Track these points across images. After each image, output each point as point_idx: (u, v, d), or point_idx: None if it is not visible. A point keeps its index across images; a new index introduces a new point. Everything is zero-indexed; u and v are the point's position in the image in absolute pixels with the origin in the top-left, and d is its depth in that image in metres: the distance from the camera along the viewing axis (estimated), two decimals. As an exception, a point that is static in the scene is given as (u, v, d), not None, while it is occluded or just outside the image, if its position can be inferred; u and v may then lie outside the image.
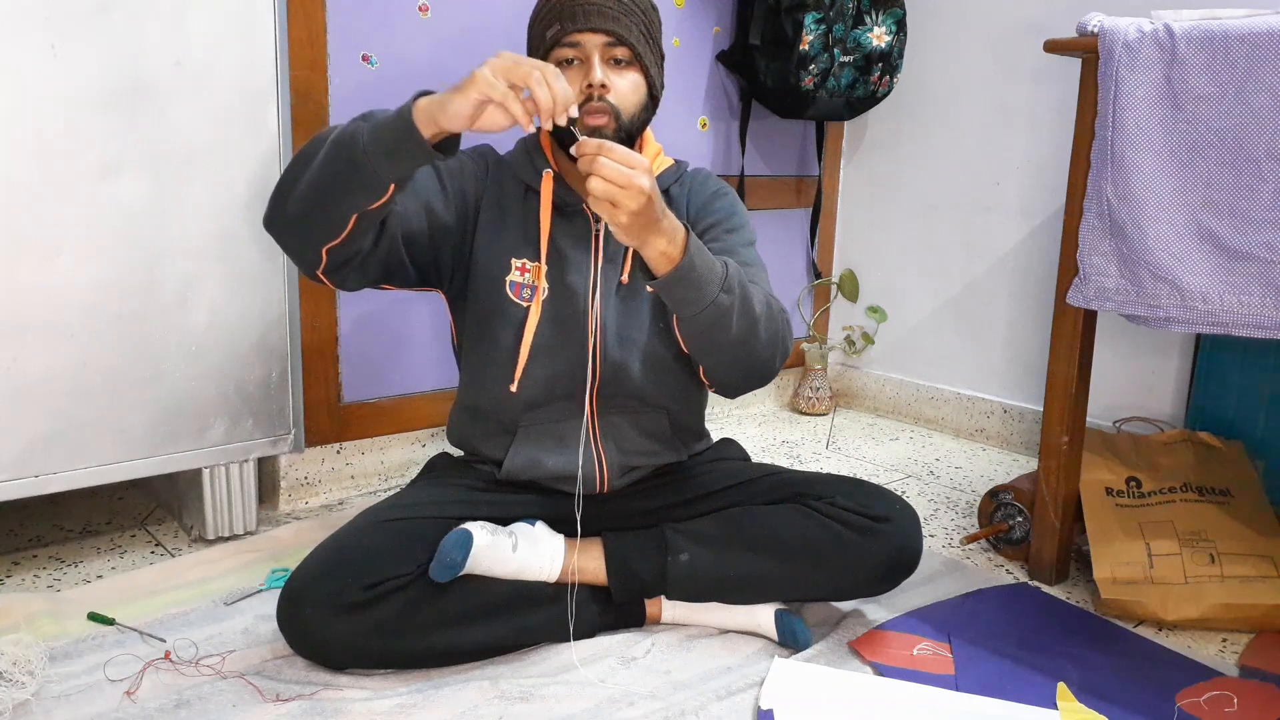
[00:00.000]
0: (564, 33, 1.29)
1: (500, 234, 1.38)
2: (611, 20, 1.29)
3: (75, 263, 1.41)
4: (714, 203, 1.46)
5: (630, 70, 1.32)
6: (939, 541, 1.78)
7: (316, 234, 1.17)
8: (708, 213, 1.44)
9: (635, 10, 1.32)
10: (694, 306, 1.19)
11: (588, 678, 1.25)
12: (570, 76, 1.29)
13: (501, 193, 1.41)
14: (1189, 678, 1.32)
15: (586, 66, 1.29)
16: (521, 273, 1.37)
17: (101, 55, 1.39)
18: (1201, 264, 1.36)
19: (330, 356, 1.84)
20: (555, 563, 1.32)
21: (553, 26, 1.30)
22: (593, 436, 1.39)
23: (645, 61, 1.32)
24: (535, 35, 1.34)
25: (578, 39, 1.29)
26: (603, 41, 1.29)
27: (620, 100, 1.30)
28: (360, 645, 1.22)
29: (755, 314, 1.24)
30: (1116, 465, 1.65)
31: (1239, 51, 1.30)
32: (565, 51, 1.30)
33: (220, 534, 1.65)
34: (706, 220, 1.43)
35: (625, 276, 1.38)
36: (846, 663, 1.32)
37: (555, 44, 1.30)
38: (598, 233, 1.38)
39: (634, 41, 1.30)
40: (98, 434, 1.47)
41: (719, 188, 1.49)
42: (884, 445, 2.40)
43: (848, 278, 2.70)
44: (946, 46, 2.41)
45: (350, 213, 1.15)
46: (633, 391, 1.39)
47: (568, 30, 1.29)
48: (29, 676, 1.19)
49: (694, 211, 1.45)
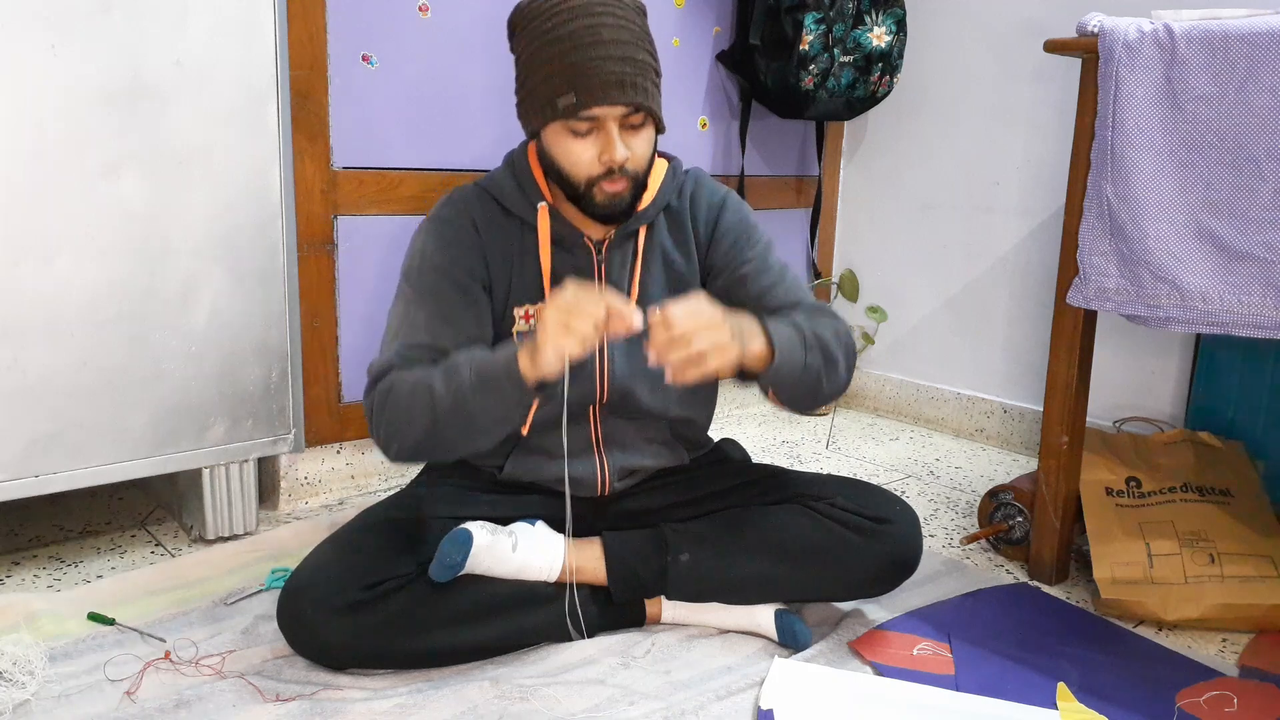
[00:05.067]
0: (580, 107, 1.20)
1: (503, 284, 1.35)
2: (630, 89, 1.21)
3: (75, 263, 1.41)
4: (723, 218, 1.41)
5: (645, 128, 1.26)
6: (939, 541, 1.78)
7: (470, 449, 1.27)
8: (722, 234, 1.40)
9: (646, 58, 1.24)
10: (790, 381, 1.23)
11: (588, 678, 1.25)
12: (584, 145, 1.24)
13: (498, 241, 1.35)
14: (1189, 678, 1.32)
15: (604, 137, 1.23)
16: (526, 320, 1.35)
17: (102, 55, 1.39)
18: (1201, 264, 1.36)
19: (330, 356, 1.84)
20: (555, 562, 1.32)
21: (564, 94, 1.21)
22: (595, 443, 1.39)
23: (656, 110, 1.26)
24: (539, 95, 1.24)
25: (596, 113, 1.21)
26: (621, 113, 1.22)
27: (637, 163, 1.27)
28: (361, 645, 1.22)
29: (835, 357, 1.28)
30: (1116, 465, 1.65)
31: (1239, 51, 1.30)
32: (580, 124, 1.23)
33: (220, 534, 1.65)
34: (723, 243, 1.40)
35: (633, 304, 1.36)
36: (846, 663, 1.32)
37: (568, 115, 1.22)
38: (601, 262, 1.36)
39: (652, 105, 1.24)
40: (98, 434, 1.47)
41: (722, 197, 1.43)
42: (884, 445, 2.40)
43: (848, 278, 2.70)
44: (946, 46, 2.41)
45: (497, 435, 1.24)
46: (638, 409, 1.39)
47: (585, 104, 1.20)
48: (29, 676, 1.19)
49: (703, 231, 1.40)
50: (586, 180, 1.26)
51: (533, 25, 1.24)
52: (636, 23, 1.25)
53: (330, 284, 1.81)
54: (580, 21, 1.21)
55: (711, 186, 1.44)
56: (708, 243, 1.41)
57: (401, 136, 1.85)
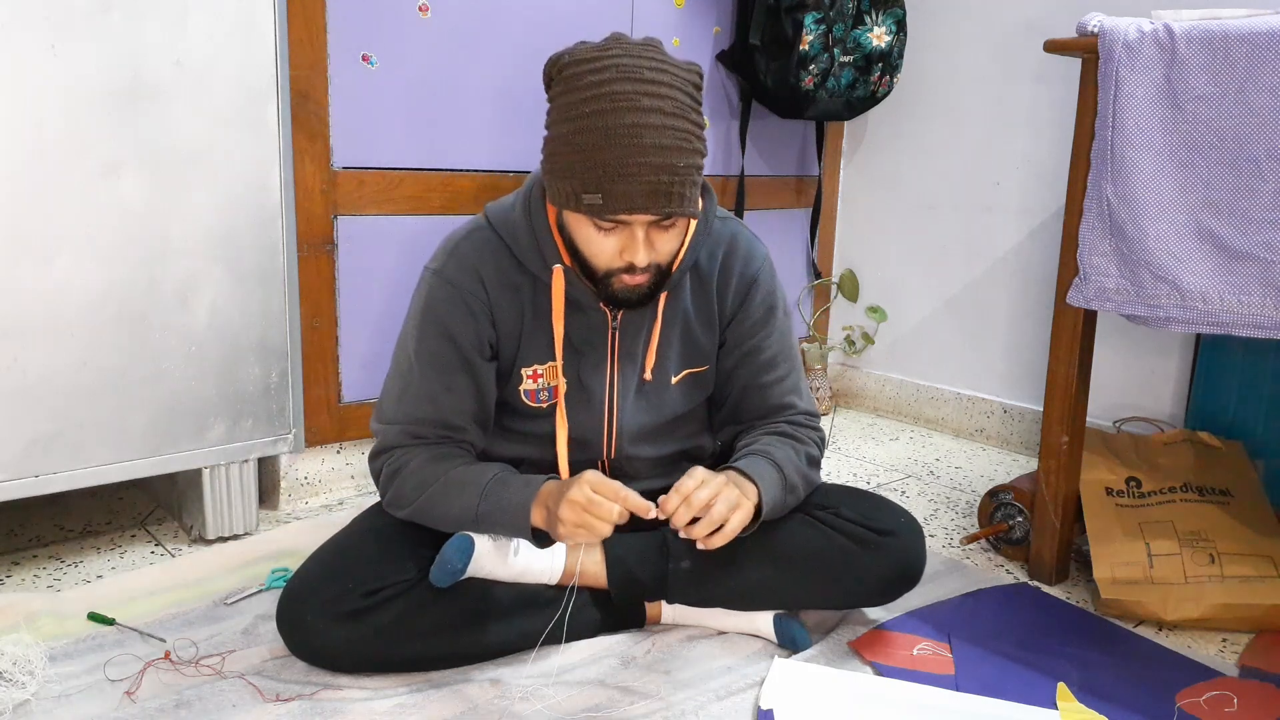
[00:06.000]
0: (608, 210, 1.11)
1: (511, 344, 1.31)
2: (664, 199, 1.09)
3: (75, 263, 1.41)
4: (752, 296, 1.35)
5: (676, 225, 1.17)
6: (939, 541, 1.78)
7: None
8: (748, 312, 1.35)
9: (690, 164, 1.11)
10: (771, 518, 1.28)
11: (588, 678, 1.25)
12: (607, 239, 1.15)
13: (508, 300, 1.28)
14: (1189, 678, 1.32)
15: (628, 235, 1.14)
16: (534, 380, 1.32)
17: (102, 55, 1.39)
18: (1201, 264, 1.36)
19: (330, 356, 1.84)
20: (556, 566, 1.31)
21: (593, 194, 1.10)
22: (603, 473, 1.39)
23: (695, 211, 1.16)
24: (565, 177, 1.12)
25: (623, 218, 1.12)
26: (651, 220, 1.13)
27: (662, 259, 1.19)
28: (361, 651, 1.22)
29: (811, 483, 1.36)
30: (1116, 465, 1.65)
31: (1239, 51, 1.30)
32: (602, 223, 1.14)
33: (220, 534, 1.65)
34: (746, 323, 1.35)
35: (649, 374, 1.33)
36: (846, 663, 1.32)
37: (592, 214, 1.12)
38: (616, 329, 1.31)
39: (687, 209, 1.13)
40: (98, 434, 1.47)
41: (754, 272, 1.35)
42: (884, 445, 2.40)
43: (848, 278, 2.70)
44: (946, 46, 2.41)
45: None
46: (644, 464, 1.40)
47: (613, 210, 1.10)
48: (29, 676, 1.19)
49: (730, 304, 1.35)
50: (605, 271, 1.20)
51: (570, 96, 1.12)
52: (686, 107, 1.12)
53: (330, 284, 1.81)
54: (622, 119, 1.08)
55: (748, 252, 1.36)
56: (731, 318, 1.36)
57: (401, 136, 1.85)
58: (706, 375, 1.40)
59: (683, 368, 1.37)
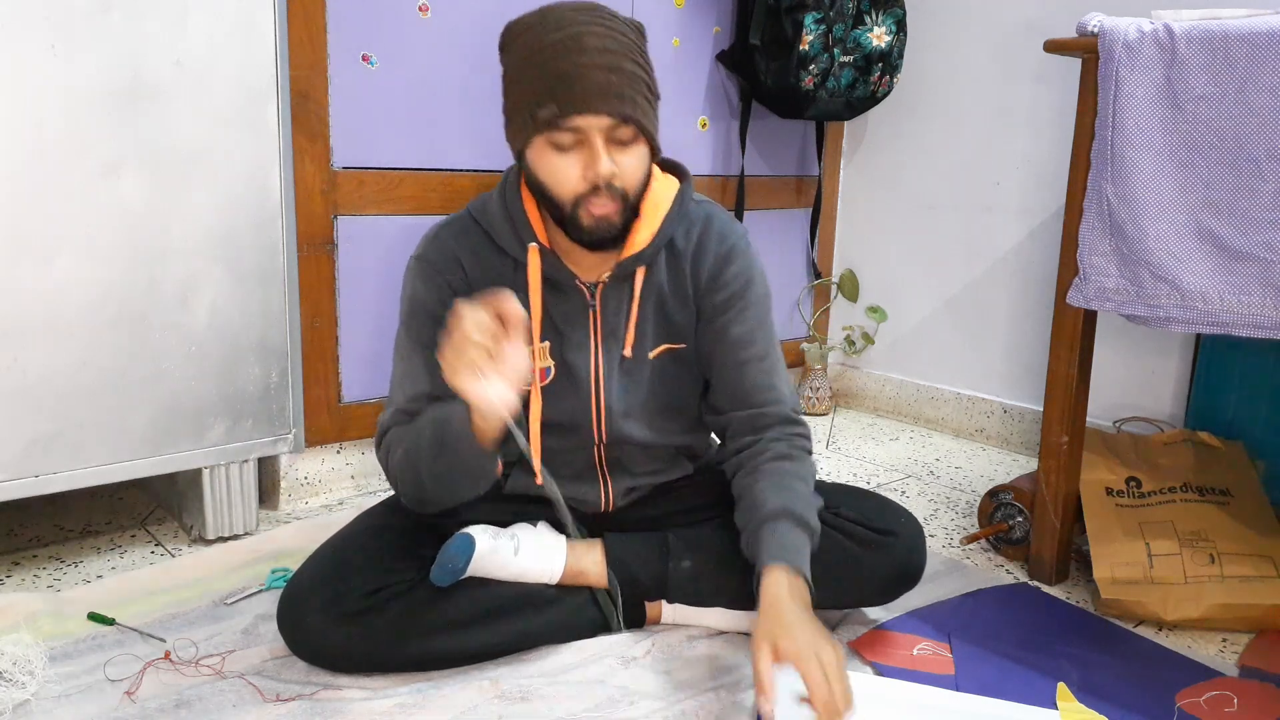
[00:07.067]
0: (562, 116, 1.14)
1: None
2: (615, 99, 1.14)
3: (75, 263, 1.41)
4: (727, 271, 1.33)
5: (635, 144, 1.19)
6: (939, 541, 1.78)
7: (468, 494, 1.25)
8: (721, 285, 1.33)
9: (635, 69, 1.17)
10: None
11: (588, 678, 1.25)
12: (569, 161, 1.17)
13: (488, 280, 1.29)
14: (1189, 678, 1.32)
15: (589, 152, 1.17)
16: None
17: (102, 55, 1.39)
18: (1201, 264, 1.36)
19: (330, 356, 1.84)
20: (557, 565, 1.31)
21: (546, 105, 1.14)
22: (599, 466, 1.39)
23: (650, 129, 1.20)
24: (521, 107, 1.18)
25: (578, 124, 1.15)
26: (607, 125, 1.15)
27: (627, 182, 1.20)
28: (362, 651, 1.22)
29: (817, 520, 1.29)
30: (1116, 465, 1.65)
31: (1239, 52, 1.30)
32: (563, 137, 1.16)
33: (220, 534, 1.65)
34: (718, 294, 1.33)
35: (628, 350, 1.33)
36: (847, 663, 1.32)
37: (549, 127, 1.16)
38: (593, 306, 1.31)
39: (640, 117, 1.17)
40: (98, 434, 1.47)
41: (730, 246, 1.34)
42: (884, 445, 2.40)
43: (848, 278, 2.70)
44: (946, 46, 2.41)
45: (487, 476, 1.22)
46: (638, 446, 1.38)
47: (566, 114, 1.14)
48: (29, 676, 1.19)
49: (704, 279, 1.33)
50: (572, 199, 1.19)
51: (518, 41, 1.19)
52: (629, 36, 1.19)
53: (330, 284, 1.81)
54: (565, 31, 1.15)
55: (723, 230, 1.35)
56: (705, 292, 1.34)
57: (401, 136, 1.85)
58: (686, 353, 1.36)
59: (660, 343, 1.35)
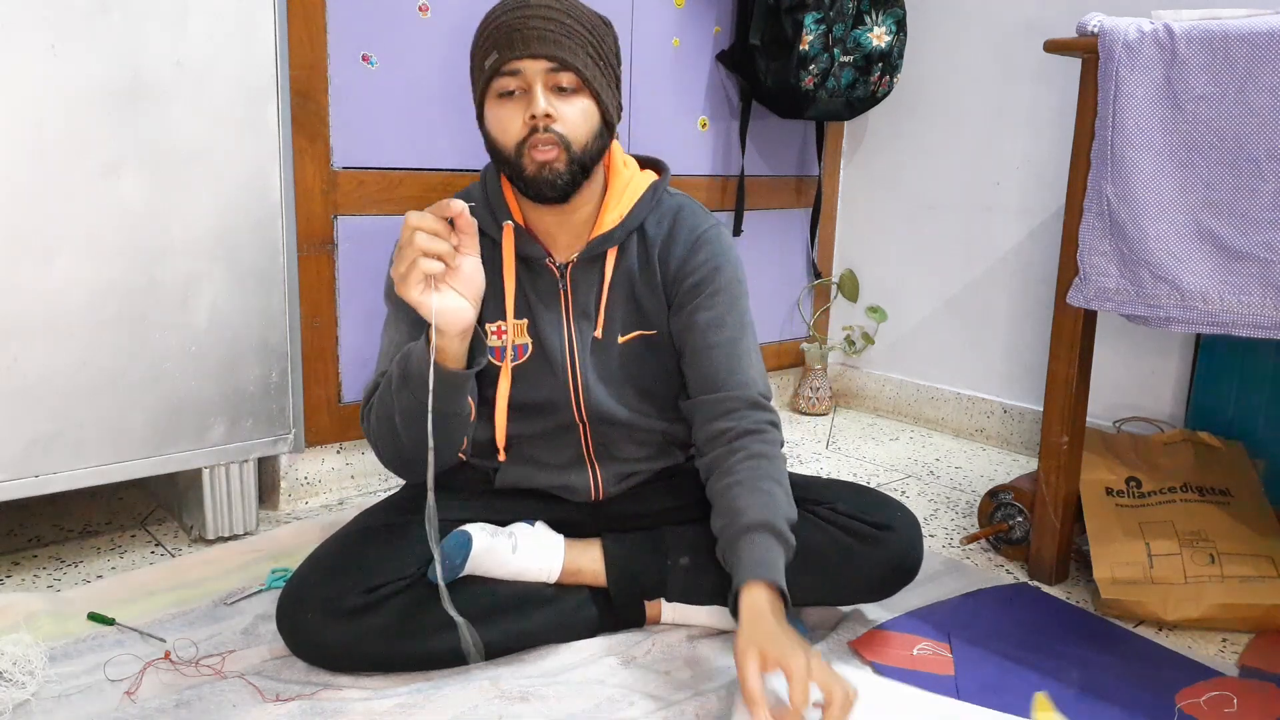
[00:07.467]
0: (502, 61, 1.19)
1: None
2: (553, 45, 1.19)
3: (75, 263, 1.41)
4: (696, 256, 1.34)
5: (579, 97, 1.22)
6: (939, 541, 1.78)
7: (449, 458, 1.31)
8: (688, 270, 1.33)
9: (580, 31, 1.22)
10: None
11: (588, 678, 1.25)
12: (512, 109, 1.21)
13: None
14: (1189, 678, 1.32)
15: (529, 97, 1.20)
16: (499, 336, 1.33)
17: (102, 55, 1.39)
18: (1201, 264, 1.36)
19: (330, 356, 1.84)
20: (555, 564, 1.32)
21: (490, 55, 1.21)
22: (586, 451, 1.39)
23: (595, 86, 1.22)
24: (475, 66, 1.26)
25: (517, 66, 1.19)
26: (545, 68, 1.19)
27: (570, 130, 1.21)
28: (361, 649, 1.22)
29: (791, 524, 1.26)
30: (1116, 465, 1.65)
31: (1239, 51, 1.30)
32: (506, 82, 1.20)
33: (220, 534, 1.65)
34: (687, 280, 1.33)
35: (599, 332, 1.34)
36: (846, 662, 1.32)
37: (495, 74, 1.21)
38: (564, 285, 1.33)
39: (580, 66, 1.20)
40: (98, 434, 1.47)
41: (701, 233, 1.35)
42: (884, 445, 2.40)
43: (848, 278, 2.70)
44: (946, 46, 2.41)
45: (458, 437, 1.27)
46: (623, 430, 1.38)
47: (506, 58, 1.19)
48: (29, 676, 1.19)
49: (673, 265, 1.34)
50: (515, 145, 1.22)
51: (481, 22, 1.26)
52: (587, 17, 1.24)
53: (330, 284, 1.81)
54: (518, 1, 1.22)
55: (694, 220, 1.36)
56: (675, 277, 1.34)
57: (401, 136, 1.85)
58: (658, 340, 1.36)
59: (630, 328, 1.35)
